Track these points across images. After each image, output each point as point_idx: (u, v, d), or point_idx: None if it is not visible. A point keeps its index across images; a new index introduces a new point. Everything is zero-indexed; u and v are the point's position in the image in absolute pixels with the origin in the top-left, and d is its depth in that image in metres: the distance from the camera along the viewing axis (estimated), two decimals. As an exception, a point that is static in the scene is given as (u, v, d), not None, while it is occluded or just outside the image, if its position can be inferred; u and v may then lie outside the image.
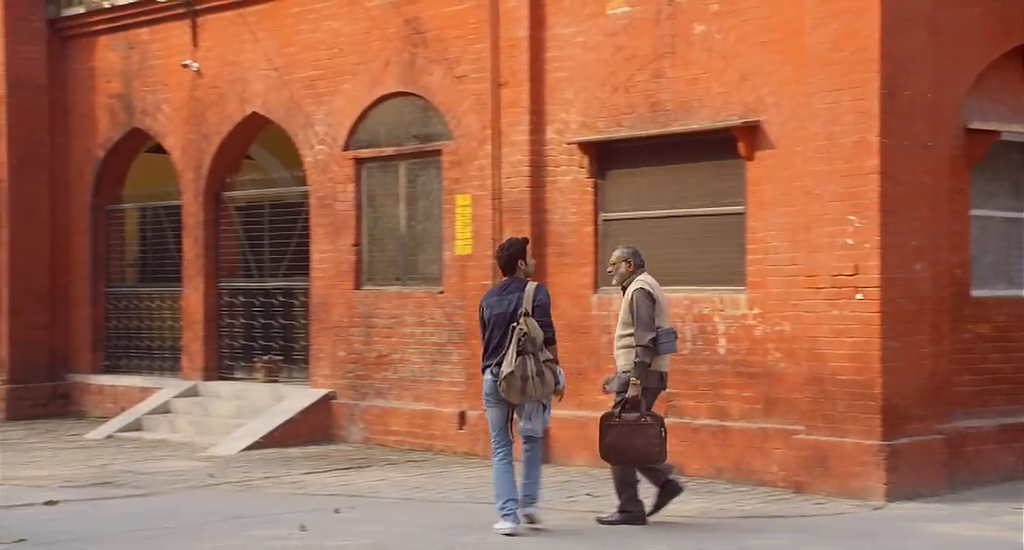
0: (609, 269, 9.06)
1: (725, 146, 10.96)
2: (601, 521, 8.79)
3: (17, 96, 16.65)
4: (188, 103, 15.69)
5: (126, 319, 16.96)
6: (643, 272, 8.88)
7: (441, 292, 13.13)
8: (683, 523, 8.85)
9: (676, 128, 11.28)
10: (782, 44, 10.59)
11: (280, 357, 15.25)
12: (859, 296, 9.82)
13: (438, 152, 13.23)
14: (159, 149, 16.60)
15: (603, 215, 11.95)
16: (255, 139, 16.16)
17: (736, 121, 10.83)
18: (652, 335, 8.51)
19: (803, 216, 10.35)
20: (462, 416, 12.82)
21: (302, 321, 15.00)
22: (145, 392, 15.95)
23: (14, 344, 16.66)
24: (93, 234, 17.04)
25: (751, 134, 10.77)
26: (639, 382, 8.50)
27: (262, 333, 15.42)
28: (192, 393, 15.45)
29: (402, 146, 13.60)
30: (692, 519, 9.02)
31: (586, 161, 11.94)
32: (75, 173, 17.10)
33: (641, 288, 8.66)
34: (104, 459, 12.82)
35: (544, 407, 8.53)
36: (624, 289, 8.85)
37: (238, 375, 15.54)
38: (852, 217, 9.87)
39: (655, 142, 11.52)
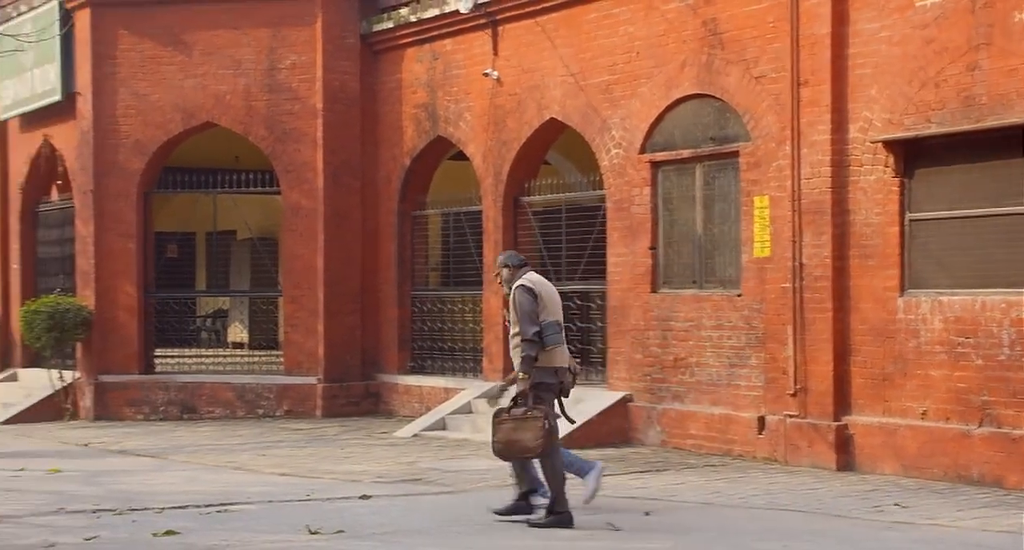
0: (497, 280, 9.33)
1: (1046, 140, 10.32)
2: (531, 524, 8.69)
3: (332, 109, 17.57)
4: (489, 111, 16.13)
5: (430, 321, 17.58)
6: (528, 271, 9.08)
7: (739, 295, 12.94)
8: (1000, 538, 8.38)
9: (992, 123, 10.69)
10: (1111, 29, 9.87)
11: (577, 359, 15.37)
12: None
13: (735, 154, 13.06)
14: (460, 156, 17.15)
15: (909, 215, 11.46)
16: (553, 144, 16.44)
17: (1059, 113, 10.17)
18: (536, 328, 8.66)
19: None
20: (761, 421, 12.59)
21: (599, 324, 15.13)
22: (448, 392, 16.50)
23: (329, 345, 17.56)
24: (399, 239, 17.76)
25: (1076, 127, 10.09)
26: (526, 377, 8.61)
27: (560, 336, 15.62)
28: (493, 394, 15.83)
29: (698, 148, 13.50)
30: (1012, 534, 8.53)
31: (891, 160, 11.50)
32: (383, 180, 17.89)
33: (521, 285, 8.87)
34: (412, 457, 13.33)
35: None
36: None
37: (536, 376, 15.82)
38: None
39: (968, 138, 10.96)
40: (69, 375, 18.09)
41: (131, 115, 17.89)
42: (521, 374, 8.69)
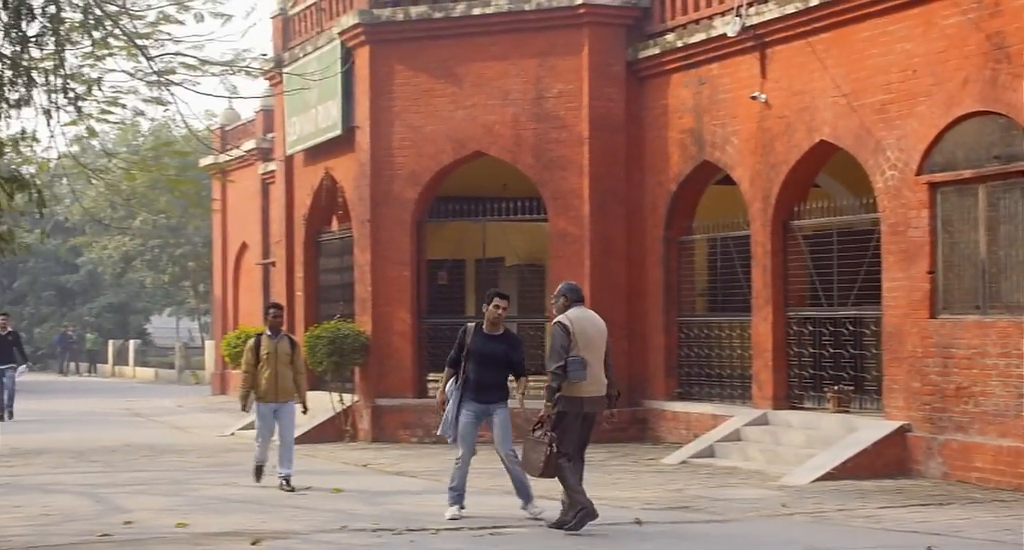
0: (554, 302, 10.08)
1: None
2: (551, 525, 9.73)
3: (598, 136, 17.71)
4: (756, 134, 15.90)
5: (697, 347, 17.42)
6: (578, 306, 9.83)
7: (1028, 322, 12.26)
8: None
9: None
10: None
11: (851, 387, 14.97)
12: None
13: (1023, 173, 12.40)
14: (726, 181, 16.96)
15: None
16: (823, 167, 16.05)
17: None
18: (559, 363, 9.55)
19: None
20: (1054, 456, 11.86)
21: (873, 351, 14.63)
22: (716, 419, 16.28)
23: (595, 370, 17.60)
24: (665, 265, 17.69)
25: None
26: (549, 404, 9.61)
27: (832, 362, 15.22)
28: (762, 421, 15.55)
29: (982, 168, 12.89)
30: None
31: None
32: (648, 207, 17.88)
33: (559, 321, 9.75)
34: (680, 484, 13.21)
35: None
36: None
37: (807, 404, 15.45)
38: None
39: None
40: (348, 398, 18.84)
41: (406, 147, 18.53)
42: (545, 402, 9.71)
